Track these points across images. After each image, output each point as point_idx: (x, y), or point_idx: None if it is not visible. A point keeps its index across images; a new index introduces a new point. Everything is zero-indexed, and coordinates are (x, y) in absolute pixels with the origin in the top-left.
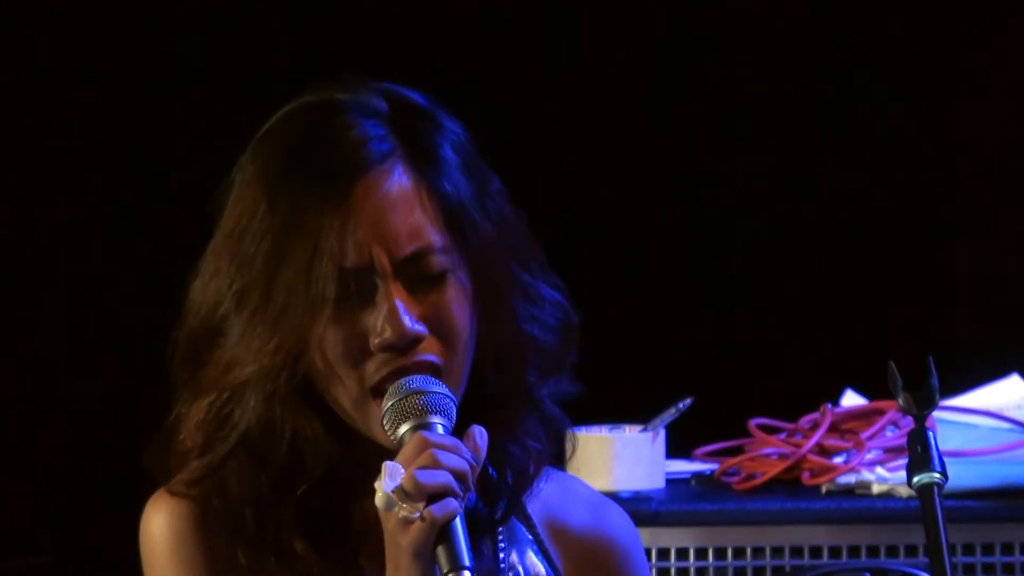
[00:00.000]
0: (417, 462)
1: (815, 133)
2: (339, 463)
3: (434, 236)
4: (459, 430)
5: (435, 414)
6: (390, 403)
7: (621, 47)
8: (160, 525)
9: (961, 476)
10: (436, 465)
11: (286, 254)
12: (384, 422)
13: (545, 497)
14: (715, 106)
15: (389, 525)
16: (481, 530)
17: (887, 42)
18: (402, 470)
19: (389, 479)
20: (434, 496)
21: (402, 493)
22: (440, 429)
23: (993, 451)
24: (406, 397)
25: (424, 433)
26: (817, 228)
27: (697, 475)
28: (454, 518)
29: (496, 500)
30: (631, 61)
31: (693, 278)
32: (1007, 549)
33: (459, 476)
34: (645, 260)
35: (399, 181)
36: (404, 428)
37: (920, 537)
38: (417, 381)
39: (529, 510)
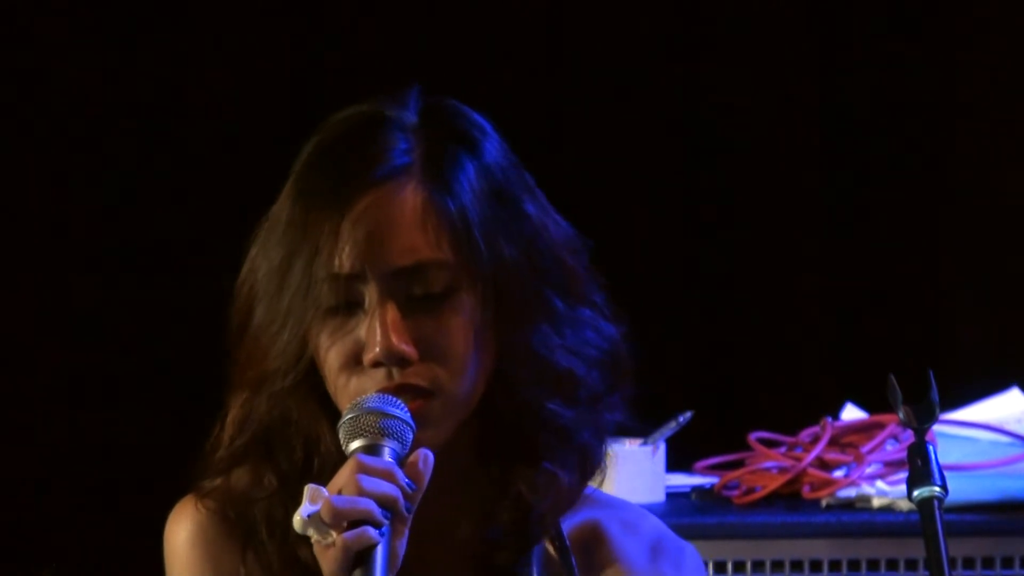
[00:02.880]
0: (339, 487)
1: (815, 147)
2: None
3: (435, 254)
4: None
5: (387, 437)
6: (346, 418)
7: (621, 60)
8: (181, 533)
9: (961, 490)
10: (359, 491)
11: (295, 255)
12: (340, 435)
13: (599, 526)
14: (715, 120)
15: (315, 548)
16: (507, 554)
17: (885, 60)
18: (325, 493)
19: (309, 503)
20: (352, 523)
21: (318, 519)
22: (387, 454)
23: (993, 465)
24: (361, 415)
25: (360, 457)
26: (817, 241)
27: (697, 489)
28: (372, 547)
29: (523, 525)
30: (632, 70)
31: (693, 291)
32: (1007, 563)
33: (384, 502)
34: (645, 273)
35: (407, 196)
36: (353, 446)
37: (920, 551)
38: (374, 400)
39: (569, 538)
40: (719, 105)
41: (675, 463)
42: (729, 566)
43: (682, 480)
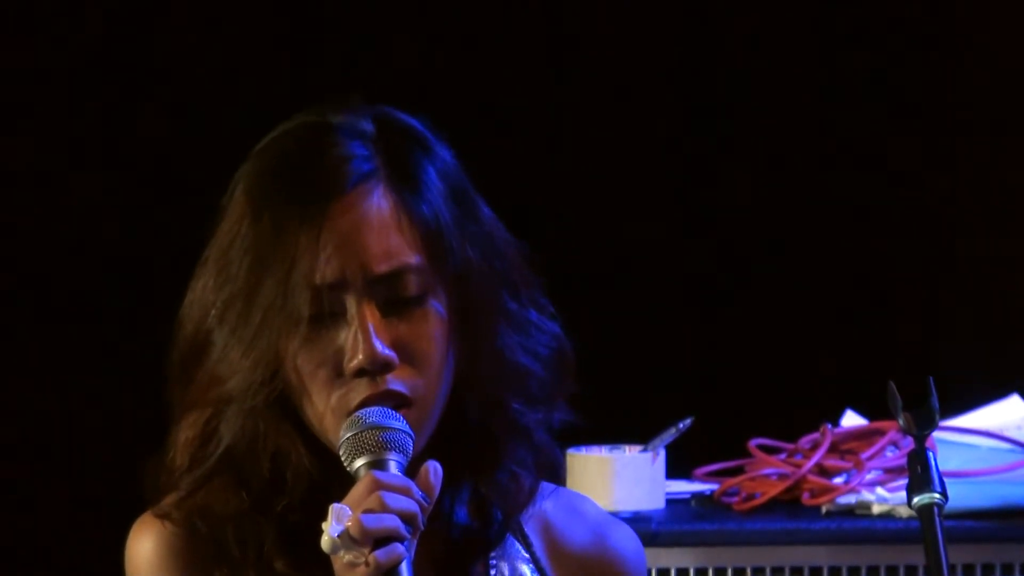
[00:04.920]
0: (364, 505)
1: (816, 153)
2: (319, 480)
3: (410, 258)
4: (440, 456)
5: (390, 451)
6: (346, 436)
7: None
8: (144, 549)
9: (961, 496)
10: (383, 509)
11: (265, 271)
12: (340, 453)
13: (547, 515)
14: (716, 126)
15: (336, 567)
16: (472, 553)
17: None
18: (349, 512)
19: (336, 522)
20: (380, 541)
21: (348, 537)
22: (394, 467)
23: (993, 471)
24: (362, 432)
25: (375, 473)
26: (818, 247)
27: (697, 495)
28: (400, 563)
29: (486, 524)
30: (633, 81)
31: (693, 297)
32: (1007, 570)
33: (407, 519)
34: (645, 279)
35: (378, 202)
36: (359, 463)
37: (920, 558)
38: (375, 415)
39: (527, 528)
40: (719, 106)
41: (675, 470)
42: (729, 573)
43: (682, 487)
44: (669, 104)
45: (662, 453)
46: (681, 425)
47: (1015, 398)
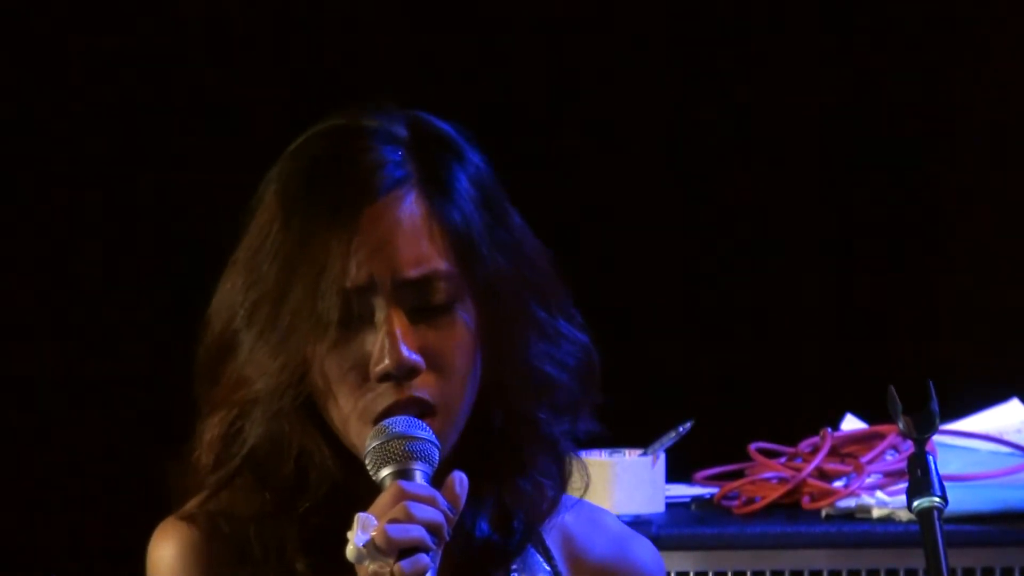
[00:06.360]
0: (390, 515)
1: (813, 160)
2: (342, 483)
3: (440, 265)
4: (464, 465)
5: (416, 460)
6: (372, 445)
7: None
8: (166, 553)
9: (961, 500)
10: (409, 519)
11: (294, 274)
12: (366, 462)
13: (568, 527)
14: (715, 128)
15: None
16: (493, 562)
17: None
18: (375, 522)
19: (361, 532)
20: (406, 551)
21: (373, 547)
22: (419, 477)
23: (993, 475)
24: (388, 441)
25: (401, 483)
26: (817, 253)
27: (697, 499)
28: (425, 573)
29: (508, 534)
30: (634, 95)
31: (693, 301)
32: (1007, 573)
33: (433, 529)
34: (645, 282)
35: (409, 209)
36: (384, 472)
37: (920, 561)
38: (401, 424)
39: (548, 540)
40: (718, 112)
41: (675, 473)
42: None
43: (682, 490)
44: (668, 105)
45: (662, 457)
46: (681, 429)
47: (1015, 402)
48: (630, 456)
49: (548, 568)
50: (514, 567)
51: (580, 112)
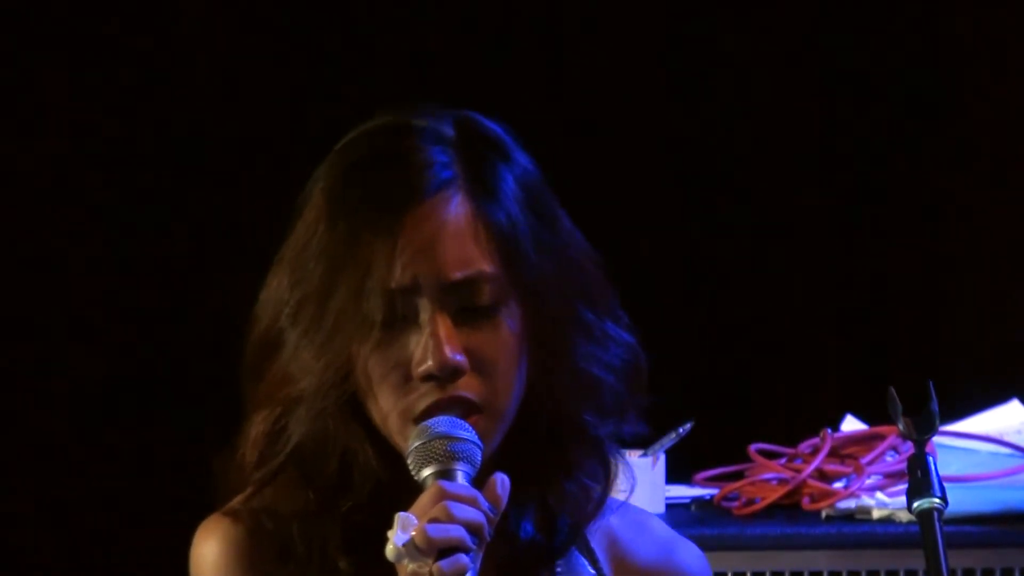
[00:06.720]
0: (430, 515)
1: (814, 160)
2: (386, 482)
3: (485, 267)
4: (508, 466)
5: (458, 461)
6: (414, 445)
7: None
8: (209, 550)
9: (961, 501)
10: (449, 519)
11: (339, 274)
12: (408, 462)
13: (613, 530)
14: (715, 129)
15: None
16: (538, 563)
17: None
18: (415, 522)
19: (401, 531)
20: (445, 551)
21: (412, 547)
22: (461, 477)
23: (993, 476)
24: (430, 441)
25: (442, 483)
26: (817, 253)
27: (697, 500)
28: (464, 573)
29: (552, 535)
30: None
31: (693, 302)
32: (1007, 574)
33: (473, 529)
34: (645, 283)
35: (455, 210)
36: (426, 472)
37: (920, 562)
38: (443, 424)
39: (593, 544)
40: (719, 113)
41: (675, 474)
42: None
43: (682, 491)
44: (669, 105)
45: (662, 458)
46: (681, 430)
47: (1015, 403)
48: (630, 457)
49: (592, 571)
50: (558, 569)
51: (579, 112)
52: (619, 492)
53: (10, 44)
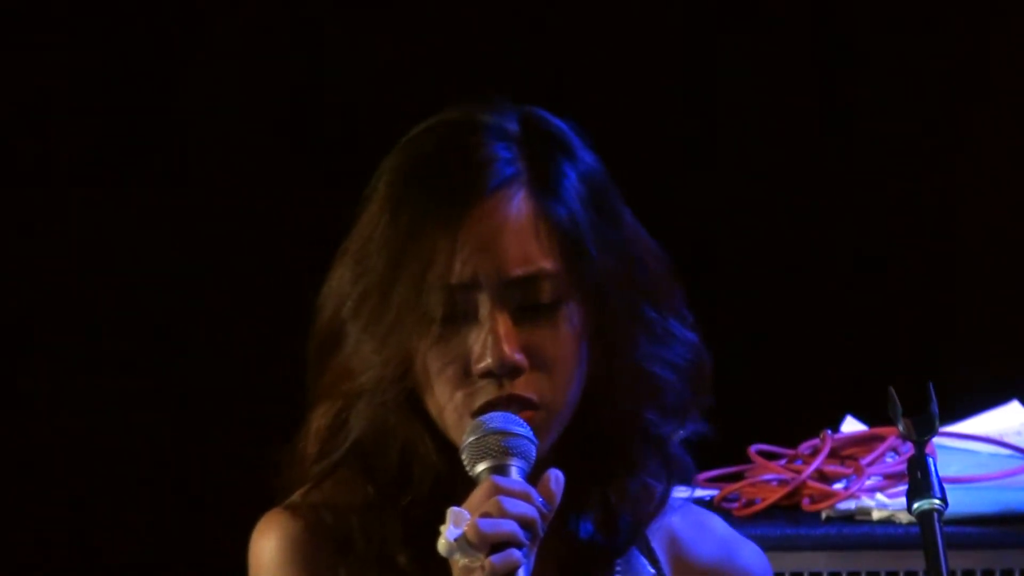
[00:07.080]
0: (482, 509)
1: (817, 161)
2: (445, 476)
3: (546, 265)
4: (568, 463)
5: (512, 456)
6: (468, 440)
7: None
8: (269, 546)
9: (961, 502)
10: (502, 513)
11: (400, 269)
12: (463, 457)
13: (674, 530)
14: (717, 130)
15: (453, 570)
16: (598, 562)
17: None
18: (467, 516)
19: (453, 526)
20: (497, 546)
21: (464, 542)
22: (515, 472)
23: (993, 477)
24: (484, 436)
25: (495, 478)
26: (818, 255)
27: (697, 501)
28: (516, 569)
29: (613, 533)
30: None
31: (693, 303)
32: (1007, 575)
33: (526, 524)
34: None
35: (518, 207)
36: (480, 468)
37: (920, 563)
38: (498, 420)
39: (654, 543)
40: (721, 112)
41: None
42: None
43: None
44: (668, 106)
45: None
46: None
47: (1015, 404)
48: None
49: (652, 570)
50: (618, 568)
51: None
52: (680, 492)
53: (10, 44)
